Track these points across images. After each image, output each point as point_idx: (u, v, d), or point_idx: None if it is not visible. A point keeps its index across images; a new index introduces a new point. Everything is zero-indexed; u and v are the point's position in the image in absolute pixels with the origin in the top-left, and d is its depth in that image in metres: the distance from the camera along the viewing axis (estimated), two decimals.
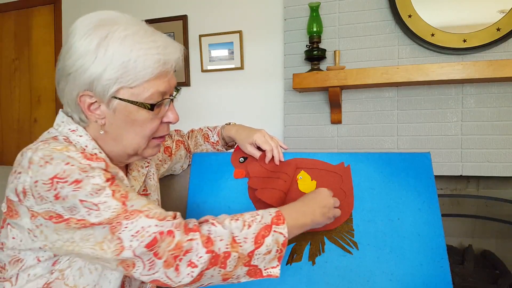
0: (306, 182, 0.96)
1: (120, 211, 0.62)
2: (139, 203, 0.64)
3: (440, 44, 1.76)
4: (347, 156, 0.97)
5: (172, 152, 1.05)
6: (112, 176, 0.65)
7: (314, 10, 1.90)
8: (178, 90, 0.77)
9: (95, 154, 0.67)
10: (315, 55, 1.88)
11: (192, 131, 1.15)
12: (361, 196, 0.92)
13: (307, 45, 1.95)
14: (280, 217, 0.71)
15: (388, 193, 0.92)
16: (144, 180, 0.89)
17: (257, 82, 2.22)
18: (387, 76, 1.73)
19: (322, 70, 1.87)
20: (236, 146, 1.05)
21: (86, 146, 0.70)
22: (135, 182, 0.85)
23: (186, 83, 2.32)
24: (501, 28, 1.68)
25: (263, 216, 0.71)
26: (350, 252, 0.87)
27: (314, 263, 0.88)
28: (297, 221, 0.75)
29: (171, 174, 1.14)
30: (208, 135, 1.11)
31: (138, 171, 0.87)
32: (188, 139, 1.13)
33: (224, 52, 2.25)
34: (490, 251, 1.87)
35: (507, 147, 1.73)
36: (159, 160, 1.01)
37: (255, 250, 0.67)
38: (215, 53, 2.27)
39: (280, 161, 0.96)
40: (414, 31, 1.79)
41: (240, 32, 2.21)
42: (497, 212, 1.85)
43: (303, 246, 0.90)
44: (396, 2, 1.82)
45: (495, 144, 1.75)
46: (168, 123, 0.77)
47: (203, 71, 2.31)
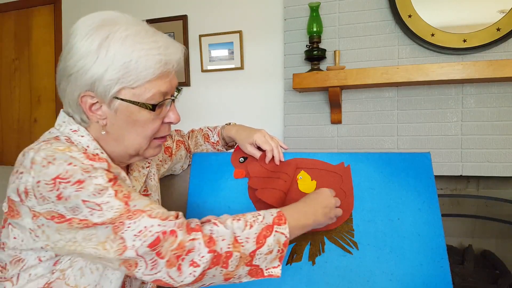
0: (306, 182, 0.96)
1: (123, 211, 0.62)
2: (141, 203, 0.65)
3: (440, 44, 1.76)
4: (347, 156, 0.97)
5: (173, 152, 1.05)
6: (114, 176, 0.66)
7: (314, 10, 1.90)
8: (179, 90, 0.77)
9: (97, 155, 0.67)
10: (315, 55, 1.88)
11: (193, 131, 1.15)
12: (361, 196, 0.92)
13: (307, 45, 1.95)
14: (281, 217, 0.71)
15: (388, 193, 0.92)
16: (145, 181, 0.89)
17: (257, 82, 2.22)
18: (387, 76, 1.73)
19: (322, 70, 1.87)
20: (236, 146, 1.05)
21: (88, 147, 0.70)
22: (136, 182, 0.85)
23: (186, 83, 2.32)
24: (501, 28, 1.68)
25: (264, 216, 0.71)
26: (350, 252, 0.87)
27: (314, 263, 0.88)
28: (298, 221, 0.75)
29: (171, 174, 1.14)
30: (208, 135, 1.11)
31: (139, 171, 0.87)
32: (188, 139, 1.13)
33: (224, 52, 2.25)
34: (490, 251, 1.86)
35: (507, 147, 1.73)
36: (160, 160, 1.01)
37: (256, 250, 0.67)
38: (215, 53, 2.26)
39: (280, 161, 0.96)
40: (414, 31, 1.79)
41: (240, 32, 2.21)
42: (497, 212, 1.85)
43: (303, 246, 0.90)
44: (396, 2, 1.82)
45: (495, 144, 1.75)
46: (170, 124, 0.77)
47: (203, 71, 2.31)
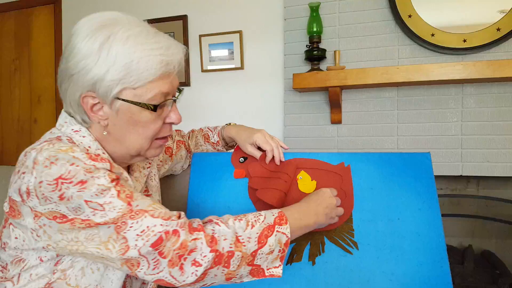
0: (306, 182, 0.96)
1: (126, 211, 0.62)
2: (144, 203, 0.65)
3: (440, 44, 1.76)
4: (347, 156, 0.97)
5: (173, 153, 1.05)
6: (116, 176, 0.66)
7: (314, 10, 1.90)
8: (180, 90, 0.77)
9: (99, 155, 0.67)
10: (315, 55, 1.88)
11: (193, 131, 1.15)
12: (361, 196, 0.92)
13: (307, 45, 1.94)
14: (282, 217, 0.72)
15: (388, 193, 0.92)
16: (146, 181, 0.89)
17: (257, 82, 2.22)
18: (387, 76, 1.73)
19: (322, 70, 1.87)
20: (236, 146, 1.05)
21: (89, 147, 0.70)
22: (136, 183, 0.85)
23: (186, 83, 2.32)
24: (501, 28, 1.68)
25: (266, 216, 0.71)
26: (350, 252, 0.87)
27: (314, 263, 0.88)
28: (300, 222, 0.75)
29: (171, 174, 1.14)
30: (208, 136, 1.11)
31: (140, 171, 0.87)
32: (188, 139, 1.13)
33: (224, 52, 2.25)
34: (490, 251, 1.87)
35: (507, 147, 1.73)
36: (160, 161, 1.01)
37: (258, 249, 0.68)
38: (215, 53, 2.26)
39: (280, 161, 0.96)
40: (414, 31, 1.79)
41: (240, 32, 2.21)
42: (497, 212, 1.85)
43: (303, 246, 0.90)
44: (396, 2, 1.82)
45: (495, 144, 1.74)
46: (171, 124, 0.77)
47: (203, 71, 2.31)
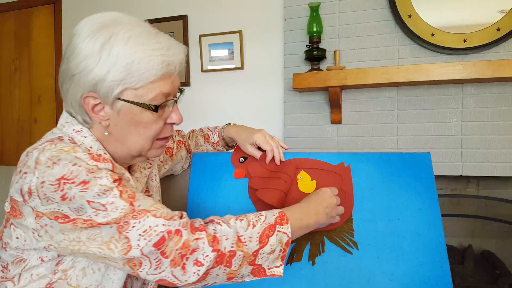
0: (306, 182, 0.96)
1: (128, 211, 0.63)
2: (146, 203, 0.65)
3: (440, 44, 1.76)
4: (347, 156, 0.97)
5: (173, 153, 1.05)
6: (119, 177, 0.66)
7: (314, 10, 1.90)
8: (181, 91, 0.77)
9: (101, 155, 0.67)
10: (315, 55, 1.88)
11: (193, 131, 1.15)
12: (361, 196, 0.92)
13: (307, 45, 1.94)
14: (283, 217, 0.72)
15: (388, 193, 0.92)
16: (146, 181, 0.89)
17: (257, 82, 2.22)
18: (387, 76, 1.73)
19: (322, 70, 1.87)
20: (236, 146, 1.05)
21: (91, 147, 0.70)
22: (137, 183, 0.85)
23: (186, 83, 2.32)
24: (501, 28, 1.68)
25: (267, 216, 0.72)
26: (350, 252, 0.87)
27: (314, 263, 0.88)
28: (300, 221, 0.75)
29: (171, 174, 1.14)
30: (208, 136, 1.11)
31: (141, 172, 0.87)
32: (189, 139, 1.13)
33: (224, 52, 2.25)
34: (490, 251, 1.87)
35: (507, 147, 1.73)
36: (161, 161, 1.01)
37: (259, 249, 0.68)
38: (215, 53, 2.26)
39: (280, 161, 0.96)
40: (414, 31, 1.79)
41: (240, 32, 2.21)
42: (497, 212, 1.85)
43: (303, 246, 0.90)
44: (396, 2, 1.82)
45: (495, 144, 1.74)
46: (172, 124, 0.77)
47: (203, 71, 2.31)
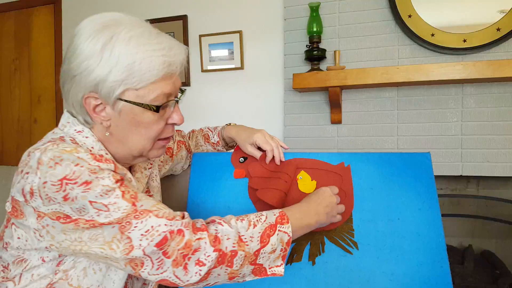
0: (306, 182, 0.96)
1: (130, 211, 0.63)
2: (148, 203, 0.65)
3: (440, 44, 1.76)
4: (347, 156, 0.97)
5: (174, 153, 1.05)
6: (121, 177, 0.66)
7: (314, 10, 1.90)
8: (182, 91, 0.77)
9: (103, 156, 0.67)
10: (315, 55, 1.88)
11: (193, 131, 1.15)
12: (361, 196, 0.92)
13: (307, 45, 1.94)
14: (284, 217, 0.73)
15: (388, 193, 0.92)
16: (147, 182, 0.89)
17: (257, 82, 2.22)
18: (387, 76, 1.73)
19: (322, 70, 1.87)
20: (236, 146, 1.05)
21: (92, 147, 0.70)
22: (138, 183, 0.85)
23: (186, 83, 2.32)
24: (501, 28, 1.68)
25: (267, 216, 0.72)
26: (350, 252, 0.87)
27: (314, 263, 0.88)
28: (301, 221, 0.76)
29: (171, 174, 1.14)
30: (208, 136, 1.11)
31: (141, 172, 0.87)
32: (189, 139, 1.13)
33: (224, 52, 2.25)
34: (490, 251, 1.87)
35: (507, 147, 1.73)
36: (161, 161, 1.01)
37: (261, 249, 0.68)
38: (215, 53, 2.26)
39: (280, 161, 0.96)
40: (414, 31, 1.79)
41: (240, 32, 2.21)
42: (497, 212, 1.85)
43: (303, 246, 0.90)
44: (396, 2, 1.82)
45: (495, 144, 1.74)
46: (173, 125, 0.77)
47: (203, 71, 2.31)
